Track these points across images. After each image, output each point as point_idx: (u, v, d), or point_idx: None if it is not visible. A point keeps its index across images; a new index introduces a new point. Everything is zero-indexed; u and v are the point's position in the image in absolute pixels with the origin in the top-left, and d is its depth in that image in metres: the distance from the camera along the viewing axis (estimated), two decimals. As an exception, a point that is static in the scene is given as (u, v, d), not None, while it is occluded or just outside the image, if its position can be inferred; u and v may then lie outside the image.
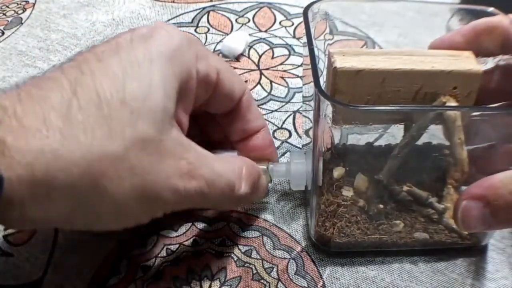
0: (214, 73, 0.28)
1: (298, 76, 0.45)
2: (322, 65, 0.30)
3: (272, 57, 0.48)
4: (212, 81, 0.28)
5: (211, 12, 0.53)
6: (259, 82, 0.45)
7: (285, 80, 0.45)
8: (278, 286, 0.30)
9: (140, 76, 0.24)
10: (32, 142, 0.20)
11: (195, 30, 0.50)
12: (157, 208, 0.25)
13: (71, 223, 0.24)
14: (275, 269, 0.31)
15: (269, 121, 0.41)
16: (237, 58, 0.47)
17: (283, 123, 0.41)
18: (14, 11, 0.53)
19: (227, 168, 0.28)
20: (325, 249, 0.32)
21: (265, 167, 0.32)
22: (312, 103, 0.27)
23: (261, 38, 0.50)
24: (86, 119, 0.22)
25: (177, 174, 0.25)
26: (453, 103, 0.27)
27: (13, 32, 0.50)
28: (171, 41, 0.26)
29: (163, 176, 0.24)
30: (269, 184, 0.35)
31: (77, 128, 0.21)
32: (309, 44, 0.28)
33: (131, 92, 0.23)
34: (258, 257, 0.31)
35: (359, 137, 0.32)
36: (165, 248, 0.32)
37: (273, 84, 0.45)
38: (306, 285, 0.30)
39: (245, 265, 0.31)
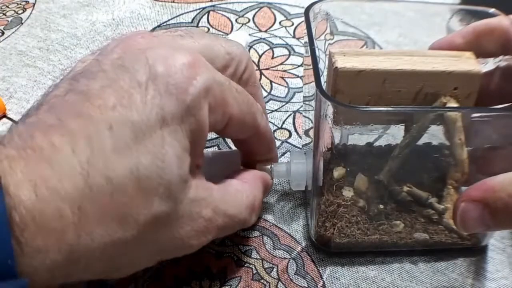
0: (225, 120, 0.26)
1: (298, 76, 0.45)
2: (322, 65, 0.30)
3: (272, 57, 0.48)
4: (220, 127, 0.27)
5: (211, 12, 0.53)
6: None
7: (285, 80, 0.45)
8: (278, 286, 0.30)
9: (153, 148, 0.22)
10: (50, 241, 0.20)
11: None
12: (166, 258, 0.26)
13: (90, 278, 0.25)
14: (275, 269, 0.31)
15: (269, 121, 0.41)
16: (237, 58, 0.47)
17: (283, 123, 0.41)
18: (14, 11, 0.53)
19: (240, 207, 0.28)
20: (325, 249, 0.32)
21: (269, 167, 0.32)
22: (312, 103, 0.27)
23: (261, 38, 0.50)
24: (100, 212, 0.21)
25: (193, 235, 0.25)
26: (453, 103, 0.27)
27: (13, 32, 0.50)
28: (187, 92, 0.23)
29: (178, 241, 0.24)
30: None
31: (90, 222, 0.21)
32: (311, 44, 0.28)
33: (144, 172, 0.22)
34: (258, 257, 0.31)
35: (359, 137, 0.32)
36: (165, 248, 0.32)
37: (273, 84, 0.45)
38: (306, 285, 0.30)
39: (245, 265, 0.31)
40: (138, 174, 0.22)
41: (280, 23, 0.52)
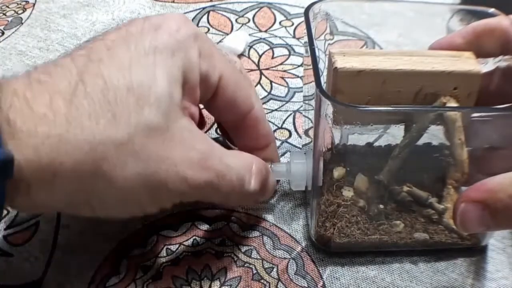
0: (216, 75, 0.28)
1: (298, 76, 0.45)
2: (322, 65, 0.30)
3: (272, 57, 0.48)
4: (212, 83, 0.28)
5: (211, 12, 0.53)
6: (259, 82, 0.45)
7: (285, 80, 0.45)
8: (278, 286, 0.30)
9: (146, 65, 0.24)
10: (39, 126, 0.21)
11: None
12: (164, 197, 0.25)
13: (76, 209, 0.24)
14: (275, 269, 0.31)
15: (269, 120, 0.41)
16: (237, 58, 0.47)
17: (283, 122, 0.41)
18: (14, 11, 0.53)
19: (238, 162, 0.28)
20: (325, 249, 0.32)
21: (269, 167, 0.32)
22: (312, 102, 0.27)
23: (261, 38, 0.50)
24: (92, 104, 0.22)
25: (186, 164, 0.25)
26: (453, 103, 0.27)
27: (13, 32, 0.50)
28: (177, 33, 0.26)
29: (169, 163, 0.24)
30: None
31: (82, 114, 0.22)
32: (311, 44, 0.28)
33: (137, 79, 0.23)
34: (258, 257, 0.31)
35: (359, 137, 0.32)
36: (165, 248, 0.32)
37: (273, 84, 0.45)
38: (306, 285, 0.30)
39: (245, 265, 0.31)
40: (131, 79, 0.23)
41: (280, 23, 0.52)
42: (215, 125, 0.40)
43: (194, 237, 0.32)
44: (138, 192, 0.24)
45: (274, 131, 0.40)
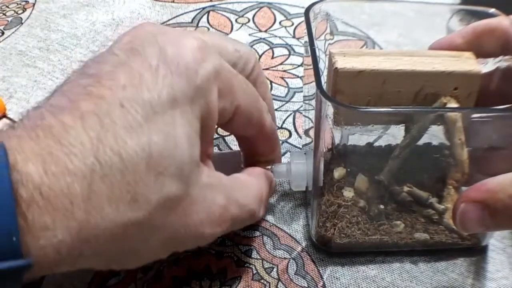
0: (233, 108, 0.26)
1: (298, 76, 0.45)
2: (322, 65, 0.30)
3: (272, 57, 0.48)
4: (228, 114, 0.27)
5: (211, 12, 0.53)
6: (259, 82, 0.45)
7: (285, 80, 0.45)
8: (278, 286, 0.30)
9: (165, 126, 0.22)
10: (58, 220, 0.20)
11: (195, 30, 0.50)
12: (180, 249, 0.26)
13: (95, 268, 0.24)
14: (275, 269, 0.31)
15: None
16: (237, 58, 0.47)
17: (283, 122, 0.41)
18: (14, 11, 0.53)
19: (250, 197, 0.28)
20: (325, 250, 0.32)
21: (269, 167, 0.32)
22: (312, 102, 0.27)
23: (261, 38, 0.50)
24: (110, 188, 0.21)
25: (207, 224, 0.24)
26: (453, 104, 0.27)
27: (13, 32, 0.50)
28: (197, 76, 0.23)
29: (191, 228, 0.24)
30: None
31: (100, 200, 0.20)
32: (311, 44, 0.28)
33: (156, 149, 0.21)
34: (258, 257, 0.32)
35: (359, 137, 0.32)
36: (165, 248, 0.32)
37: (273, 84, 0.45)
38: (306, 285, 0.30)
39: (245, 265, 0.31)
40: (150, 151, 0.21)
41: (280, 23, 0.52)
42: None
43: (194, 237, 0.32)
44: (158, 254, 0.24)
45: (274, 131, 0.40)
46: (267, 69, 0.46)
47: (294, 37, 0.50)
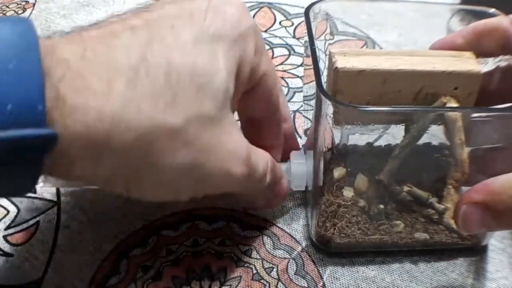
0: (260, 73, 0.27)
1: (298, 76, 0.45)
2: (322, 65, 0.30)
3: (272, 57, 0.48)
4: (255, 78, 0.27)
5: (211, 12, 0.53)
6: (259, 82, 0.45)
7: (285, 80, 0.45)
8: (278, 286, 0.30)
9: (210, 52, 0.23)
10: (92, 102, 0.19)
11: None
12: (202, 188, 0.25)
13: (111, 187, 0.23)
14: (275, 269, 0.31)
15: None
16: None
17: (283, 123, 0.41)
18: (14, 11, 0.53)
19: (262, 158, 0.28)
20: (325, 249, 0.32)
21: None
22: (312, 102, 0.27)
23: (261, 38, 0.50)
24: (152, 87, 0.21)
25: (235, 159, 0.25)
26: (454, 103, 0.27)
27: (12, 32, 0.50)
28: (239, 24, 0.25)
29: (219, 157, 0.24)
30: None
31: (141, 93, 0.21)
32: (311, 44, 0.28)
33: (200, 67, 0.23)
34: (258, 257, 0.31)
35: (359, 137, 0.32)
36: (165, 248, 0.32)
37: (273, 84, 0.45)
38: (306, 285, 0.30)
39: (245, 265, 0.31)
40: (194, 69, 0.22)
41: (280, 23, 0.52)
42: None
43: (194, 237, 0.32)
44: (180, 180, 0.24)
45: (274, 131, 0.40)
46: (267, 69, 0.46)
47: (294, 37, 0.50)
